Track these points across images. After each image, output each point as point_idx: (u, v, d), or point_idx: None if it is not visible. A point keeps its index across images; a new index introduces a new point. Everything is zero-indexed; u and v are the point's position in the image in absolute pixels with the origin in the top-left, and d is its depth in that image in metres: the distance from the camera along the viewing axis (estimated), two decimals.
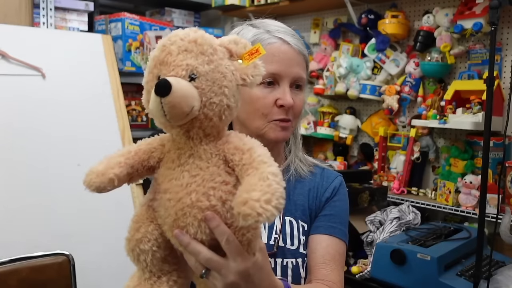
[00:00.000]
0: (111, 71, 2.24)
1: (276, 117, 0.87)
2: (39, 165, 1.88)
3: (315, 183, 0.97)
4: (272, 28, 0.90)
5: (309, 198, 0.95)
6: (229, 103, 0.68)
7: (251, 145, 0.67)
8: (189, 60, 0.65)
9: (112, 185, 0.68)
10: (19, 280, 1.27)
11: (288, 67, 0.87)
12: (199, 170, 0.67)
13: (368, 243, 1.85)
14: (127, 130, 2.16)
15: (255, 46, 0.69)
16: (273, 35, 0.88)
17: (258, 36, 0.88)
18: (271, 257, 0.86)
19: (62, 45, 2.15)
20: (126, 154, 0.72)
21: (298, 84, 0.90)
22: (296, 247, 0.90)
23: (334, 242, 0.92)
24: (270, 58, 0.85)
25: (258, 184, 0.59)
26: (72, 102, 2.05)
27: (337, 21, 2.50)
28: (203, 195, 0.66)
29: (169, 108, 0.62)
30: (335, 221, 0.94)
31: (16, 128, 1.89)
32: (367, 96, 2.26)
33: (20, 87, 1.94)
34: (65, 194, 1.88)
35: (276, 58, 0.86)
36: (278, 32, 0.89)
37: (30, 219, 1.79)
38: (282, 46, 0.87)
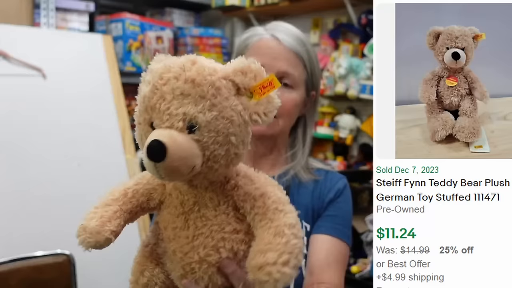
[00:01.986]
0: (112, 71, 2.24)
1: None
2: (39, 165, 1.88)
3: (319, 184, 0.97)
4: (272, 27, 0.91)
5: (313, 198, 0.95)
6: (237, 151, 0.58)
7: (264, 189, 0.59)
8: (187, 108, 0.54)
9: (109, 243, 0.62)
10: (20, 280, 1.27)
11: (272, 60, 0.87)
12: (205, 220, 0.60)
13: (368, 243, 1.86)
14: (127, 130, 2.16)
15: (267, 78, 0.59)
16: (268, 32, 0.89)
17: (252, 32, 0.90)
18: None
19: (62, 45, 2.15)
20: (122, 197, 0.64)
21: (285, 81, 0.89)
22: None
23: (337, 243, 0.92)
24: (256, 51, 0.87)
25: (274, 242, 0.53)
26: (73, 102, 2.05)
27: (337, 21, 2.50)
28: (212, 248, 0.60)
29: (165, 173, 0.53)
30: (338, 222, 0.94)
31: (16, 128, 1.89)
32: (367, 96, 2.26)
33: (20, 88, 1.95)
34: (65, 193, 1.89)
35: (261, 51, 0.87)
36: (275, 30, 0.89)
37: (30, 219, 1.79)
38: (271, 42, 0.88)
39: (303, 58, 0.91)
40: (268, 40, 0.88)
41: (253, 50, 0.88)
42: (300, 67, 0.91)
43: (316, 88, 0.96)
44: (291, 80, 0.89)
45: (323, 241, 0.91)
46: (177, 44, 2.82)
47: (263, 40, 0.88)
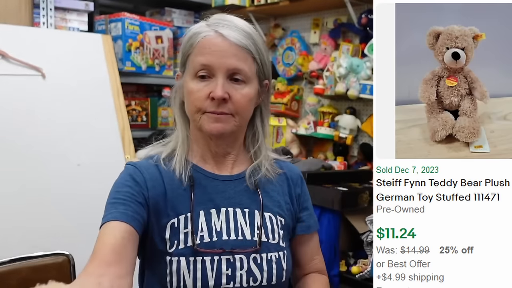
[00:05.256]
0: (111, 71, 2.24)
1: (208, 109, 0.86)
2: (39, 165, 1.88)
3: (284, 178, 1.00)
4: (215, 22, 0.88)
5: (283, 194, 0.98)
6: None
7: None
8: None
9: None
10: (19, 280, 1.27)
11: (219, 58, 0.85)
12: None
13: (368, 243, 1.85)
14: (127, 130, 2.16)
15: None
16: (211, 28, 0.87)
17: (196, 30, 0.88)
18: (256, 253, 0.88)
19: (62, 45, 2.15)
20: None
21: (237, 77, 0.87)
22: (277, 241, 0.92)
23: (316, 236, 1.03)
24: (202, 50, 0.86)
25: None
26: (72, 102, 2.05)
27: (337, 21, 2.50)
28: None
29: None
30: (312, 216, 1.02)
31: (16, 128, 1.89)
32: (367, 96, 2.26)
33: (20, 87, 1.95)
34: (65, 194, 1.89)
35: (207, 50, 0.85)
36: (218, 25, 0.87)
37: (30, 219, 1.79)
38: (216, 39, 0.86)
39: (251, 51, 0.88)
40: (212, 37, 0.86)
41: (198, 50, 0.86)
42: (249, 60, 0.89)
43: (268, 77, 0.94)
44: (243, 75, 0.87)
45: (309, 239, 1.01)
46: (176, 44, 2.81)
47: (208, 38, 0.86)
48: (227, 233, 0.88)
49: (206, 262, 0.85)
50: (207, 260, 0.85)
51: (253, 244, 0.89)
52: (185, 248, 0.85)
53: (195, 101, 0.86)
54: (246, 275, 0.87)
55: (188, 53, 0.88)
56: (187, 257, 0.84)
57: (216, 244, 0.86)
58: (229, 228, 0.88)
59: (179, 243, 0.85)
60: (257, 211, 0.92)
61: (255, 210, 0.92)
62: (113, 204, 0.83)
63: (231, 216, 0.90)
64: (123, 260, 0.76)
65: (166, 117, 2.72)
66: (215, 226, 0.88)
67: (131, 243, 0.79)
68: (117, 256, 0.75)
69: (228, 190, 0.91)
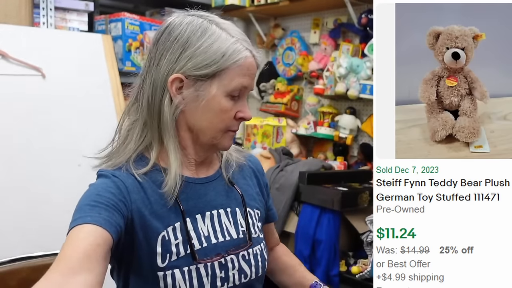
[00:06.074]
0: (111, 71, 2.24)
1: (233, 128, 0.87)
2: (39, 165, 1.88)
3: (251, 170, 1.01)
4: (238, 36, 0.85)
5: (253, 185, 1.00)
6: None
7: None
8: None
9: None
10: (19, 280, 1.27)
11: (252, 80, 0.86)
12: None
13: (368, 243, 1.85)
14: None
15: None
16: (244, 46, 0.84)
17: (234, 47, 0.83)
18: (245, 250, 0.90)
19: (62, 45, 2.15)
20: None
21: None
22: (257, 234, 0.95)
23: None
24: (244, 71, 0.83)
25: None
26: (72, 102, 2.05)
27: (337, 21, 2.50)
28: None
29: None
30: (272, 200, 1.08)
31: (16, 128, 1.89)
32: (367, 96, 2.26)
33: (20, 87, 1.94)
34: (65, 194, 1.88)
35: (246, 72, 0.84)
36: (246, 43, 0.86)
37: (30, 219, 1.79)
38: (252, 61, 0.85)
39: None
40: (250, 59, 0.84)
41: (240, 70, 0.83)
42: None
43: None
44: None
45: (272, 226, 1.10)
46: None
47: (248, 60, 0.84)
48: (215, 236, 0.87)
49: (201, 269, 0.83)
50: (201, 267, 0.83)
51: (241, 241, 0.90)
52: (177, 259, 0.82)
53: (226, 119, 0.85)
54: (237, 274, 0.88)
55: (225, 67, 0.82)
56: (181, 268, 0.82)
57: (207, 250, 0.85)
58: (215, 230, 0.88)
59: (171, 255, 0.82)
60: (238, 208, 0.93)
61: (236, 208, 0.92)
62: (92, 207, 0.76)
63: (215, 218, 0.89)
64: (95, 269, 0.68)
65: None
66: (202, 231, 0.86)
67: (106, 253, 0.72)
68: (89, 264, 0.67)
69: (208, 192, 0.90)
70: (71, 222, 0.77)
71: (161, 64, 0.82)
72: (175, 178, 0.83)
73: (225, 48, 0.82)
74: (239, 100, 0.85)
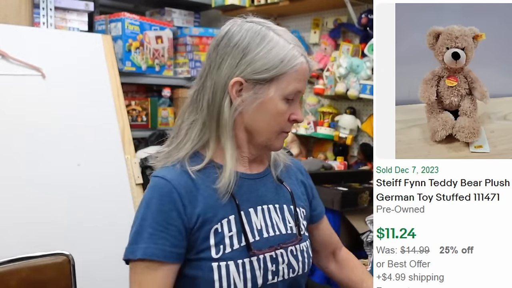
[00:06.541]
0: (111, 71, 2.24)
1: (287, 129, 0.93)
2: (39, 165, 1.88)
3: (294, 169, 1.05)
4: (294, 42, 0.91)
5: (298, 184, 1.04)
6: None
7: None
8: None
9: None
10: (19, 280, 1.27)
11: (304, 85, 0.92)
12: None
13: (368, 243, 1.85)
14: (127, 130, 2.16)
15: None
16: (300, 52, 0.90)
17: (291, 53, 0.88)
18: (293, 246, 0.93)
19: (62, 45, 2.15)
20: None
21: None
22: (303, 232, 0.98)
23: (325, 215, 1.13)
24: (300, 77, 0.89)
25: None
26: (72, 102, 2.05)
27: (337, 21, 2.50)
28: None
29: None
30: (320, 200, 1.11)
31: (16, 128, 1.89)
32: (367, 96, 2.26)
33: (20, 87, 1.94)
34: (65, 193, 1.89)
35: (302, 77, 0.90)
36: (301, 49, 0.91)
37: (30, 219, 1.79)
38: (307, 66, 0.91)
39: None
40: (305, 65, 0.90)
41: (297, 76, 0.89)
42: None
43: None
44: None
45: (324, 220, 1.10)
46: (176, 44, 2.82)
47: (304, 66, 0.90)
48: (266, 230, 0.91)
49: (254, 262, 0.87)
50: (254, 260, 0.87)
51: (290, 237, 0.94)
52: (232, 251, 0.86)
53: (282, 122, 0.90)
54: (286, 268, 0.91)
55: (283, 72, 0.87)
56: (236, 260, 0.85)
57: (259, 243, 0.89)
58: (267, 225, 0.92)
59: (225, 247, 0.86)
60: (285, 205, 0.97)
61: (283, 204, 0.96)
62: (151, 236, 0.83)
63: (266, 213, 0.93)
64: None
65: (166, 117, 2.71)
66: (255, 225, 0.90)
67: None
68: None
69: (259, 188, 0.95)
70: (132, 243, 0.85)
71: (221, 68, 0.88)
72: (229, 175, 0.88)
73: (283, 54, 0.87)
74: (292, 103, 0.91)
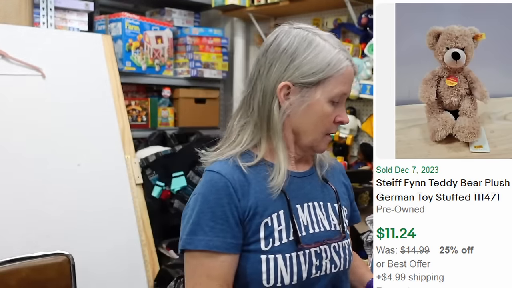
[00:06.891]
0: (111, 71, 2.24)
1: (332, 131, 0.96)
2: (39, 165, 1.88)
3: (338, 169, 1.10)
4: (339, 46, 0.93)
5: (340, 184, 1.07)
6: None
7: None
8: None
9: None
10: (19, 280, 1.27)
11: (349, 88, 0.95)
12: None
13: (368, 243, 1.85)
14: (127, 130, 2.16)
15: None
16: (345, 56, 0.93)
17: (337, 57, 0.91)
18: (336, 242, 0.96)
19: (62, 45, 2.15)
20: None
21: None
22: (345, 230, 1.01)
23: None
24: (345, 80, 0.92)
25: None
26: (72, 102, 2.05)
27: (337, 21, 2.50)
28: None
29: None
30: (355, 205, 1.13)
31: (16, 128, 1.89)
32: (367, 96, 2.26)
33: (20, 87, 1.95)
34: (65, 193, 1.89)
35: (347, 80, 0.93)
36: (346, 53, 0.93)
37: (30, 219, 1.79)
38: (352, 69, 0.93)
39: None
40: (351, 68, 0.93)
41: (343, 79, 0.92)
42: None
43: None
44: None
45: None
46: (176, 44, 2.82)
47: (349, 70, 0.93)
48: (312, 226, 0.94)
49: (300, 256, 0.90)
50: (300, 254, 0.90)
51: (333, 234, 0.96)
52: (280, 245, 0.89)
53: (327, 123, 0.94)
54: (329, 263, 0.94)
55: (329, 76, 0.90)
56: (283, 253, 0.89)
57: (306, 238, 0.91)
58: (313, 221, 0.95)
59: (274, 241, 0.89)
60: (329, 203, 0.99)
61: (328, 203, 0.99)
62: (212, 230, 0.87)
63: (311, 210, 0.96)
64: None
65: (166, 117, 2.71)
66: (302, 220, 0.93)
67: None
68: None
69: (305, 186, 0.98)
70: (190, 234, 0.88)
71: (270, 72, 0.92)
72: (283, 174, 0.92)
73: (329, 58, 0.90)
74: (338, 105, 0.94)
